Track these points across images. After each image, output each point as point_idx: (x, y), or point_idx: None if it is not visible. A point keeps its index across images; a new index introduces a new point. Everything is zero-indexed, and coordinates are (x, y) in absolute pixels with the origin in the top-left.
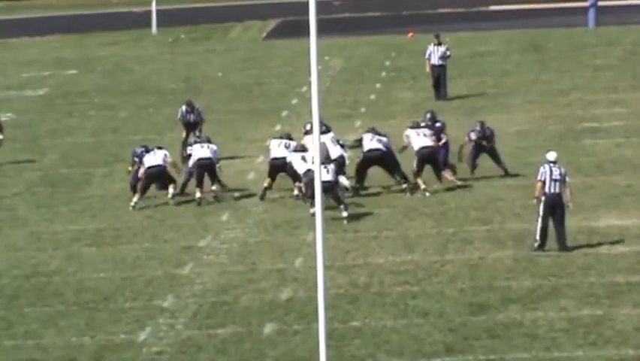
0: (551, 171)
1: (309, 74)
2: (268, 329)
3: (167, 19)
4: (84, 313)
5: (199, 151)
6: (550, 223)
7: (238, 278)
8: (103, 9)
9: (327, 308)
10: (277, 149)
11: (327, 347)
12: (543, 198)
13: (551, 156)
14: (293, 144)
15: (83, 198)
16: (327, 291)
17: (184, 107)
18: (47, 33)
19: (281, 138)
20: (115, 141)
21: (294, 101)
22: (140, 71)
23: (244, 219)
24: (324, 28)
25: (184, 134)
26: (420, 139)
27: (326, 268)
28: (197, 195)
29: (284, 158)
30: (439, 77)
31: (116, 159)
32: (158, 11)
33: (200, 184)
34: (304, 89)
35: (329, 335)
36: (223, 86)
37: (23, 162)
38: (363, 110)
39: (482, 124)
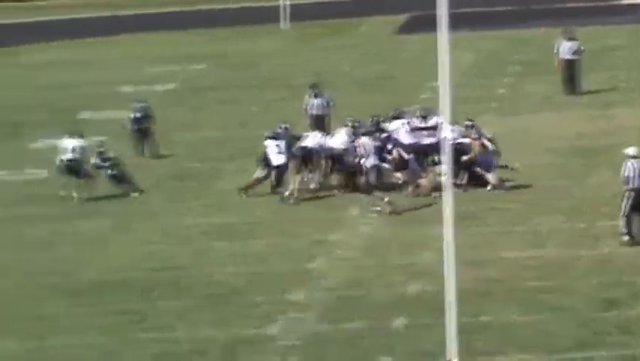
0: (633, 166)
1: (439, 69)
2: (397, 323)
3: (297, 13)
4: (215, 307)
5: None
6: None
7: (367, 272)
8: (233, 3)
9: (456, 303)
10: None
11: (457, 341)
12: (627, 194)
13: (632, 151)
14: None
15: (213, 193)
16: (456, 285)
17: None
18: (178, 28)
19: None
20: (243, 135)
21: (424, 96)
22: (270, 66)
23: (373, 213)
24: (453, 23)
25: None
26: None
27: (455, 262)
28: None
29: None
30: (570, 72)
31: (245, 154)
32: (288, 6)
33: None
34: (434, 83)
35: (458, 330)
36: (352, 81)
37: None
38: (493, 104)
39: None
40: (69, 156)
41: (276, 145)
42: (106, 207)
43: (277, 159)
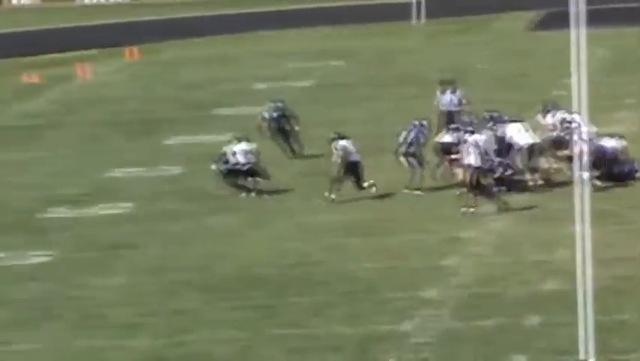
0: None
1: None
2: (532, 320)
3: (431, 10)
4: (349, 303)
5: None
6: None
7: (501, 270)
8: (369, 0)
9: (591, 301)
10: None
11: (592, 339)
12: None
13: None
14: None
15: (349, 190)
16: (591, 283)
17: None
18: (315, 24)
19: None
20: (379, 132)
21: (557, 93)
22: (405, 63)
23: (509, 209)
24: (590, 19)
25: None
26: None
27: (590, 260)
28: None
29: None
30: None
31: (381, 150)
32: (423, 3)
33: None
34: (568, 80)
35: (593, 328)
36: (487, 78)
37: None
38: (632, 100)
39: None
40: (240, 159)
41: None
42: (241, 203)
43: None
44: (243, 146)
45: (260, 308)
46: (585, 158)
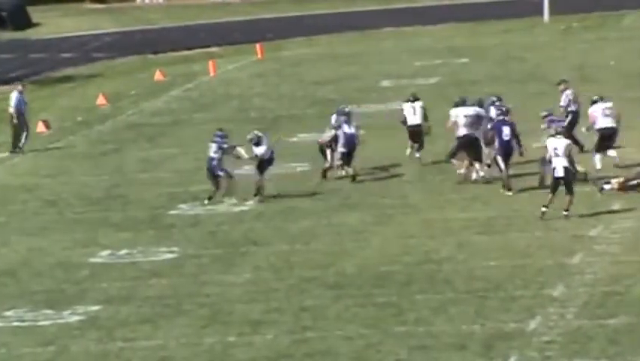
0: None
1: None
2: None
3: (558, 6)
4: (474, 301)
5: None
6: None
7: (630, 268)
8: None
9: None
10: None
11: None
12: None
13: None
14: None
15: (473, 186)
16: None
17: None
18: (440, 21)
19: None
20: None
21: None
22: (532, 60)
23: (637, 208)
24: None
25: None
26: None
27: None
28: None
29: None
30: None
31: None
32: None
33: None
34: None
35: None
36: (617, 75)
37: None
38: None
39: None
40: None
41: None
42: (366, 199)
43: None
44: None
45: (385, 306)
46: None
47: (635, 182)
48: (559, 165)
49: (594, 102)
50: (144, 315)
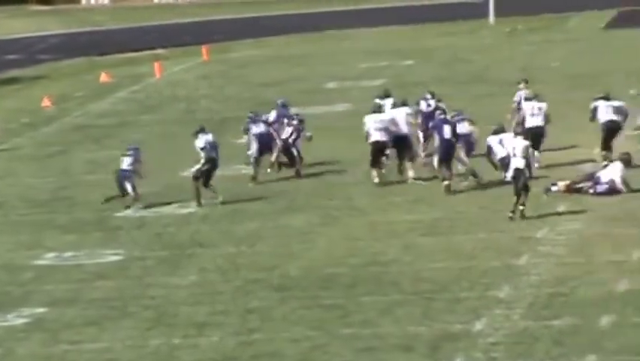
0: None
1: None
2: (605, 321)
3: (504, 8)
4: (420, 302)
5: None
6: None
7: (575, 269)
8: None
9: None
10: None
11: None
12: None
13: None
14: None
15: (418, 189)
16: None
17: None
18: (385, 24)
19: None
20: None
21: (633, 91)
22: (477, 62)
23: (580, 211)
24: None
25: None
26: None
27: None
28: None
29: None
30: None
31: None
32: (495, 1)
33: None
34: None
35: None
36: (561, 76)
37: (358, 152)
38: None
39: None
40: None
41: None
42: (312, 201)
43: None
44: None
45: (331, 307)
46: None
47: (581, 185)
48: (514, 166)
49: (528, 99)
50: (90, 317)
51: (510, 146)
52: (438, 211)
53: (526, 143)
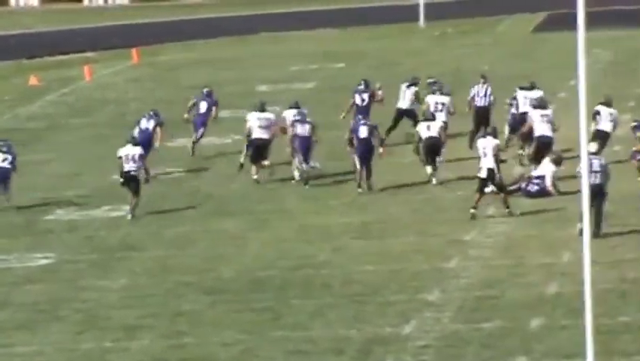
0: (592, 163)
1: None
2: (535, 323)
3: (435, 12)
4: (351, 305)
5: None
6: None
7: (504, 272)
8: (370, 3)
9: (594, 303)
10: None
11: (595, 342)
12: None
13: (592, 147)
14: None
15: (350, 191)
16: (595, 286)
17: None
18: (316, 26)
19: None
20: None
21: (562, 95)
22: (408, 64)
23: (510, 213)
24: (594, 21)
25: None
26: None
27: (593, 262)
28: None
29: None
30: None
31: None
32: (425, 4)
33: None
34: (572, 82)
35: (597, 331)
36: (491, 79)
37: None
38: (631, 103)
39: None
40: None
41: None
42: (243, 205)
43: None
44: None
45: (262, 311)
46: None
47: (514, 186)
48: (484, 166)
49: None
50: (20, 321)
51: (480, 146)
52: (369, 214)
53: (497, 142)
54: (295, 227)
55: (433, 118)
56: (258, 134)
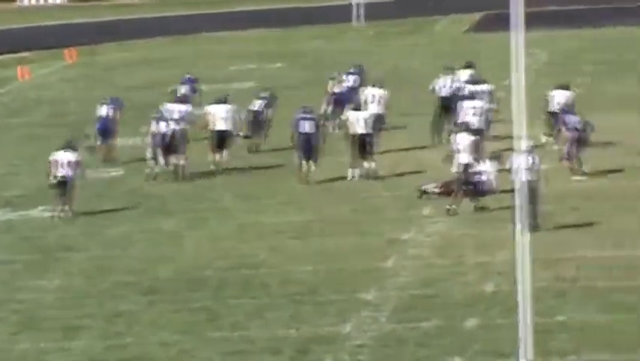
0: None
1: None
2: (471, 322)
3: (371, 12)
4: (289, 305)
5: None
6: None
7: (441, 271)
8: (306, 3)
9: (531, 302)
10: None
11: (531, 341)
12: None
13: (526, 144)
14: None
15: (289, 191)
16: (530, 285)
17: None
18: (254, 26)
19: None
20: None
21: (499, 95)
22: (345, 64)
23: (447, 212)
24: (528, 21)
25: None
26: None
27: (530, 261)
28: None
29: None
30: None
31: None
32: (362, 5)
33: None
34: (507, 82)
35: (533, 329)
36: (427, 80)
37: None
38: None
39: None
40: None
41: None
42: (181, 204)
43: None
44: None
45: (199, 311)
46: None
47: (455, 185)
48: (460, 162)
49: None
50: None
51: (456, 141)
52: (308, 214)
53: (473, 138)
54: (233, 226)
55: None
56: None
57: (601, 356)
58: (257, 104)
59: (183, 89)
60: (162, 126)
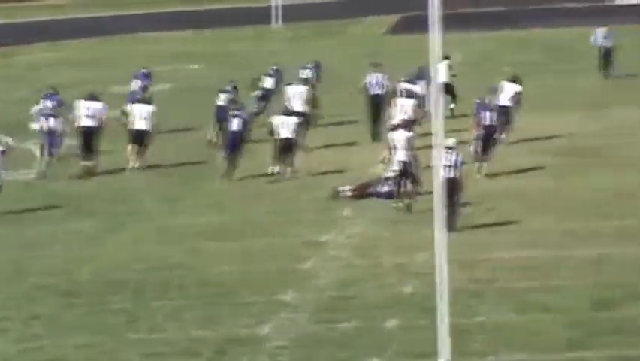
0: (446, 157)
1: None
2: (390, 323)
3: (288, 14)
4: (207, 307)
5: None
6: None
7: (360, 273)
8: (221, 4)
9: (448, 303)
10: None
11: (449, 342)
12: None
13: (449, 142)
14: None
15: (208, 193)
16: (448, 286)
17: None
18: (172, 28)
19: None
20: None
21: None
22: (261, 66)
23: (365, 214)
24: (445, 23)
25: None
26: None
27: (447, 263)
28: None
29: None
30: (606, 57)
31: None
32: (280, 6)
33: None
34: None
35: (451, 330)
36: (343, 81)
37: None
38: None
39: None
40: None
41: None
42: (100, 206)
43: None
44: None
45: (118, 313)
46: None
47: (370, 189)
48: (398, 159)
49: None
50: None
51: (392, 139)
52: (227, 215)
53: (409, 135)
54: (152, 228)
55: (290, 113)
56: (86, 122)
57: (518, 357)
58: (222, 98)
59: (134, 83)
60: (51, 122)
